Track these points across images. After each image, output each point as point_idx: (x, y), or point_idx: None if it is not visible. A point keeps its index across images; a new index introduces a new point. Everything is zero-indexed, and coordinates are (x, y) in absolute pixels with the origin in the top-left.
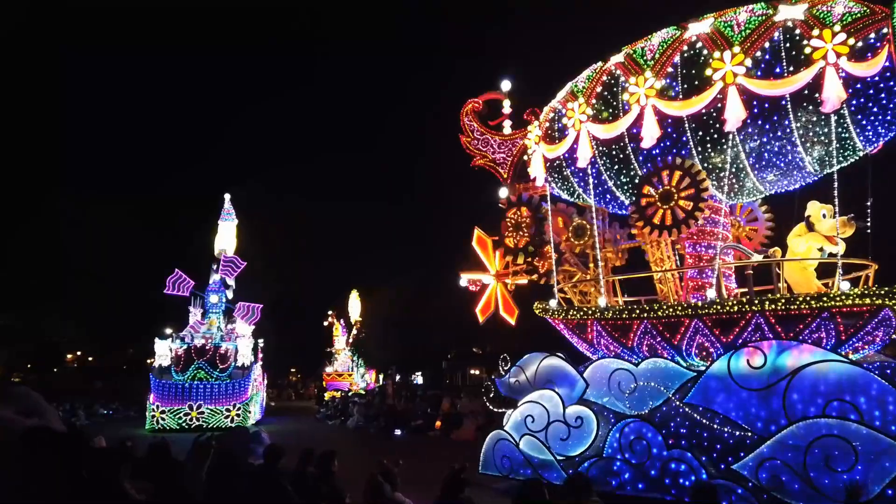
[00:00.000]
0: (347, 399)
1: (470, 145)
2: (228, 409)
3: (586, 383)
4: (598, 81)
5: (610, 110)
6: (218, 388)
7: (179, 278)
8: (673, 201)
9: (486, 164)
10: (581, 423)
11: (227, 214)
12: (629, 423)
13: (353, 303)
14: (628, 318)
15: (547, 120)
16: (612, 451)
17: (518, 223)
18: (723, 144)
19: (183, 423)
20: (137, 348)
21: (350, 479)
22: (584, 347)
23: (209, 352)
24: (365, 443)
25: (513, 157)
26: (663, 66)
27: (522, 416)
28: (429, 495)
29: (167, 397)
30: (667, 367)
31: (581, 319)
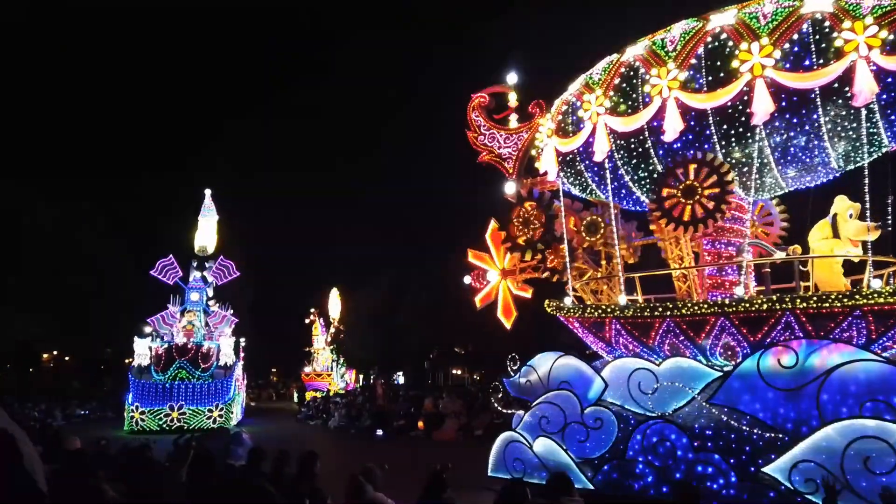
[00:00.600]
0: (329, 399)
1: (477, 141)
2: (210, 409)
3: (605, 383)
4: (616, 73)
5: (629, 103)
6: (200, 389)
7: (170, 264)
8: (696, 196)
9: (493, 159)
10: (601, 424)
11: (207, 210)
12: (652, 425)
13: (333, 301)
14: (650, 317)
15: (560, 113)
16: (634, 454)
17: (527, 219)
18: (748, 138)
19: (163, 424)
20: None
21: (331, 480)
22: (601, 346)
23: (191, 351)
24: (347, 443)
25: (519, 151)
26: (686, 57)
27: (536, 417)
28: (410, 496)
29: (147, 397)
30: (691, 367)
31: (599, 318)
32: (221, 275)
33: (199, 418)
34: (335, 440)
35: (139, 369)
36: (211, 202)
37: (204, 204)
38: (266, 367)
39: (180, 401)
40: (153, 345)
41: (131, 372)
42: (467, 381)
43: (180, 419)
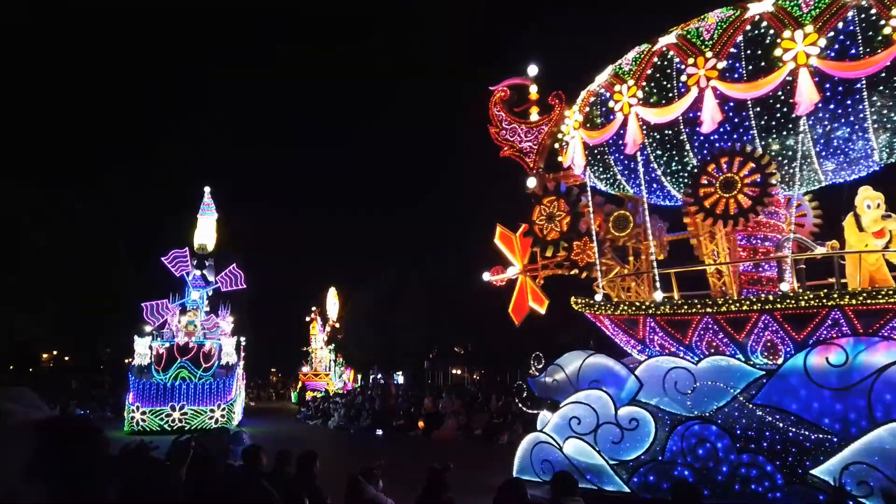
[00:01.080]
0: (328, 399)
1: (499, 136)
2: (213, 409)
3: (640, 383)
4: (649, 63)
5: (663, 93)
6: (202, 388)
7: (183, 257)
8: (736, 189)
9: (514, 154)
10: (636, 425)
11: (206, 208)
12: (691, 426)
13: (331, 301)
14: (688, 314)
15: (587, 104)
16: (672, 455)
17: (552, 214)
18: (789, 130)
19: (165, 424)
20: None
21: (331, 480)
22: (632, 345)
23: (192, 350)
24: (346, 443)
25: (539, 144)
26: (724, 46)
27: (566, 418)
28: (411, 496)
29: (148, 398)
30: (732, 366)
31: (632, 315)
32: (229, 282)
33: (200, 418)
34: (335, 440)
35: (139, 369)
36: (210, 200)
37: (203, 201)
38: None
39: (182, 401)
40: (154, 344)
41: (131, 372)
42: (467, 380)
43: (182, 419)
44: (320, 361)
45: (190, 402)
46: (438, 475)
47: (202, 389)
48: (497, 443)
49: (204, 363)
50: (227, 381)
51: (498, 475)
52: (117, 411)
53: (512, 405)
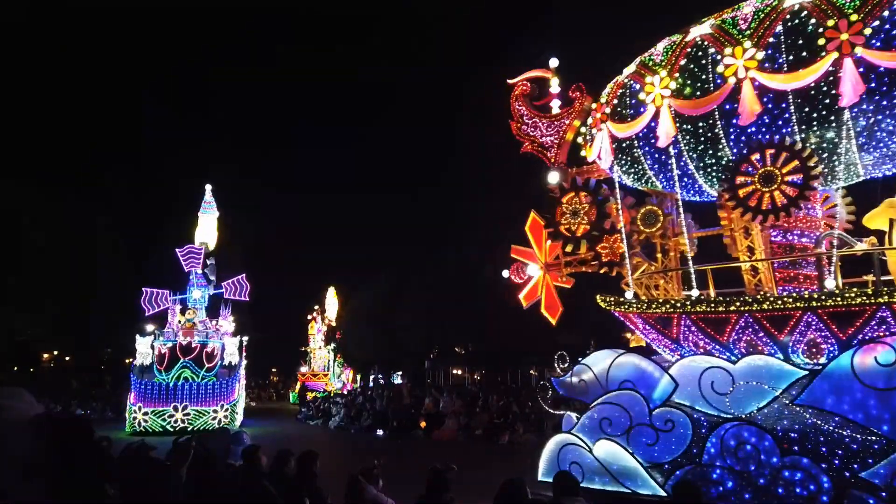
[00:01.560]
0: (329, 399)
1: (520, 131)
2: (216, 410)
3: (675, 383)
4: (682, 54)
5: (698, 84)
6: (205, 389)
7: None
8: (776, 183)
9: (535, 149)
10: (672, 426)
11: (207, 206)
12: (731, 427)
13: (331, 300)
14: (726, 312)
15: (615, 96)
16: (710, 458)
17: (576, 209)
18: (830, 122)
19: (167, 424)
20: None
21: (331, 480)
22: (665, 344)
23: (195, 350)
24: (347, 443)
25: (560, 138)
26: (763, 35)
27: (596, 419)
28: (412, 496)
29: (150, 398)
30: (772, 365)
31: (666, 313)
32: (233, 290)
33: (203, 419)
34: (335, 440)
35: (141, 369)
36: (212, 198)
37: (204, 199)
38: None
39: (185, 401)
40: (156, 343)
41: (133, 372)
42: (467, 380)
43: (185, 420)
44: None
45: (193, 402)
46: (440, 475)
47: (205, 389)
48: (498, 443)
49: (207, 363)
50: (231, 381)
51: (499, 475)
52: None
53: (512, 405)
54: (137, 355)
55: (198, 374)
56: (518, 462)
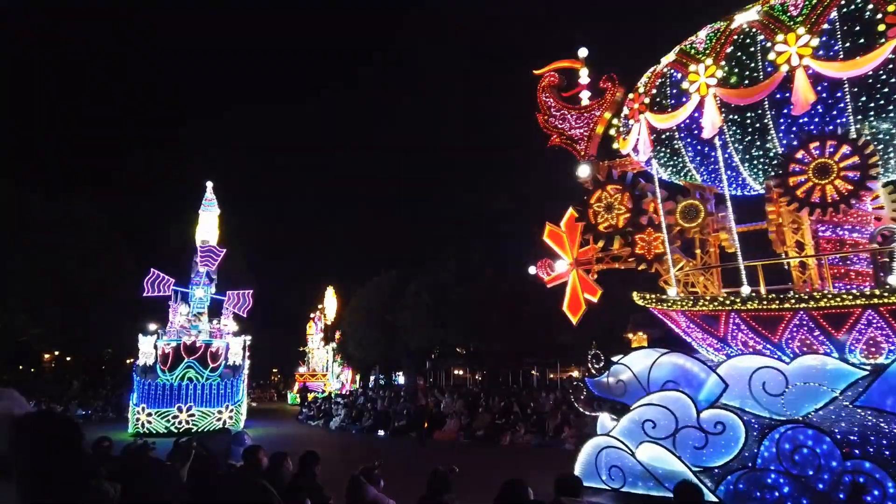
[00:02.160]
0: (330, 400)
1: (547, 123)
2: (220, 410)
3: (725, 384)
4: (728, 41)
5: (746, 73)
6: (209, 389)
7: (158, 278)
8: (832, 176)
9: (563, 142)
10: (723, 429)
11: (208, 203)
12: (787, 430)
13: (329, 300)
14: (779, 309)
15: (653, 86)
16: (765, 462)
17: (610, 204)
18: (889, 112)
19: (171, 426)
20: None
21: (333, 481)
22: (709, 343)
23: (200, 350)
24: (348, 444)
25: (591, 130)
26: (817, 21)
27: (639, 421)
28: (412, 496)
29: (154, 398)
30: (829, 365)
31: (714, 311)
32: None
33: (208, 420)
34: (337, 441)
35: (143, 369)
36: (212, 195)
37: (205, 197)
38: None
39: (189, 402)
40: (160, 343)
41: (135, 371)
42: (468, 381)
43: (189, 421)
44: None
45: (197, 403)
46: (441, 476)
47: (209, 390)
48: (499, 443)
49: (211, 363)
50: (235, 381)
51: (500, 476)
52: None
53: (513, 406)
54: (140, 355)
55: (202, 374)
56: (520, 462)
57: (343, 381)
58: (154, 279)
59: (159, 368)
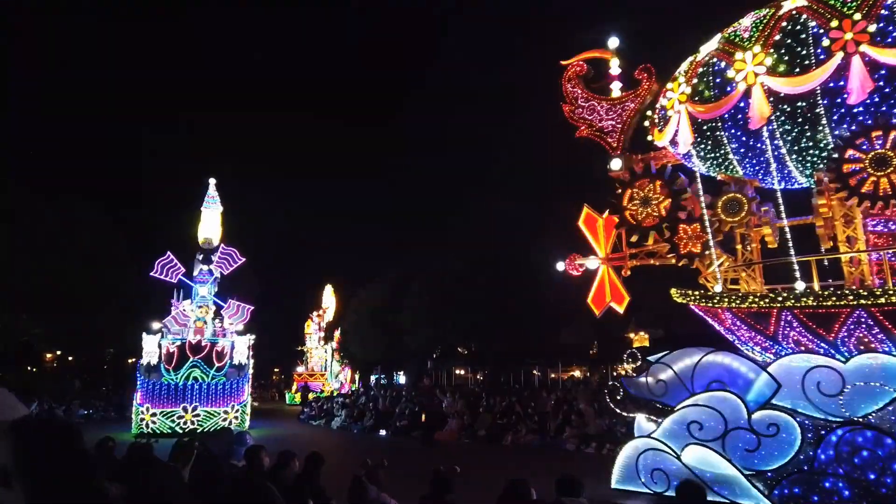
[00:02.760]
0: (332, 399)
1: (574, 114)
2: (226, 411)
3: (777, 384)
4: (776, 28)
5: (797, 60)
6: (214, 389)
7: (170, 262)
8: (889, 168)
9: (592, 133)
10: (776, 431)
11: (210, 200)
12: (846, 432)
13: (328, 298)
14: (837, 306)
15: (693, 76)
16: (821, 465)
17: (647, 198)
18: None
19: (176, 426)
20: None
21: (335, 481)
22: (757, 342)
23: (205, 349)
24: (350, 444)
25: (624, 122)
26: (873, 6)
27: (684, 423)
28: (414, 496)
29: (158, 398)
30: (890, 364)
31: (765, 307)
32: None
33: (214, 420)
34: (338, 440)
35: (147, 368)
36: (215, 192)
37: (208, 194)
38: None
39: (194, 402)
40: (164, 342)
41: (139, 371)
42: (470, 381)
43: (194, 421)
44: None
45: (203, 403)
46: (443, 476)
47: (215, 390)
48: (500, 444)
49: (217, 362)
50: (241, 381)
51: (502, 476)
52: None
53: (515, 406)
54: (144, 354)
55: (207, 373)
56: (521, 462)
57: (342, 380)
58: (167, 262)
59: (163, 368)
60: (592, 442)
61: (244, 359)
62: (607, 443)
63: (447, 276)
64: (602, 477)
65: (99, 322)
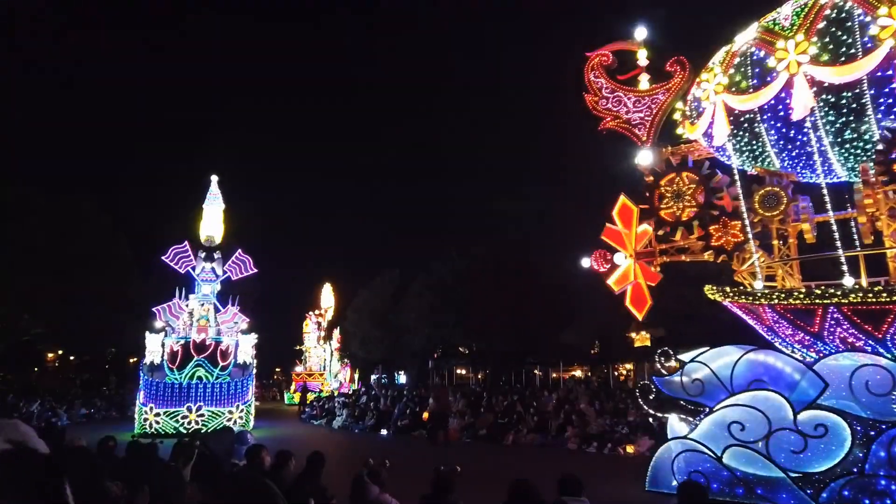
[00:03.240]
0: (333, 399)
1: (598, 105)
2: (231, 411)
3: (824, 383)
4: (819, 16)
5: (842, 49)
6: (219, 389)
7: (184, 253)
8: None
9: (619, 125)
10: (825, 431)
11: (212, 197)
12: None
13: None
14: (886, 303)
15: (730, 66)
16: (873, 467)
17: (679, 192)
18: None
19: (181, 426)
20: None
21: (336, 480)
22: (799, 340)
23: (209, 348)
24: (351, 443)
25: (654, 115)
26: None
27: (724, 424)
28: (416, 496)
29: (162, 398)
30: None
31: (811, 304)
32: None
33: (218, 420)
34: (340, 440)
35: (150, 367)
36: (217, 189)
37: (210, 191)
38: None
39: (199, 401)
40: (167, 341)
41: (142, 370)
42: (472, 380)
43: (199, 421)
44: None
45: (207, 402)
46: (445, 476)
47: (220, 389)
48: (502, 443)
49: (221, 361)
50: (245, 380)
51: (503, 475)
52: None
53: (517, 405)
54: (147, 353)
55: (212, 373)
56: (523, 462)
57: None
58: (181, 251)
59: (167, 367)
60: (594, 441)
61: (248, 358)
62: (608, 442)
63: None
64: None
65: (101, 321)
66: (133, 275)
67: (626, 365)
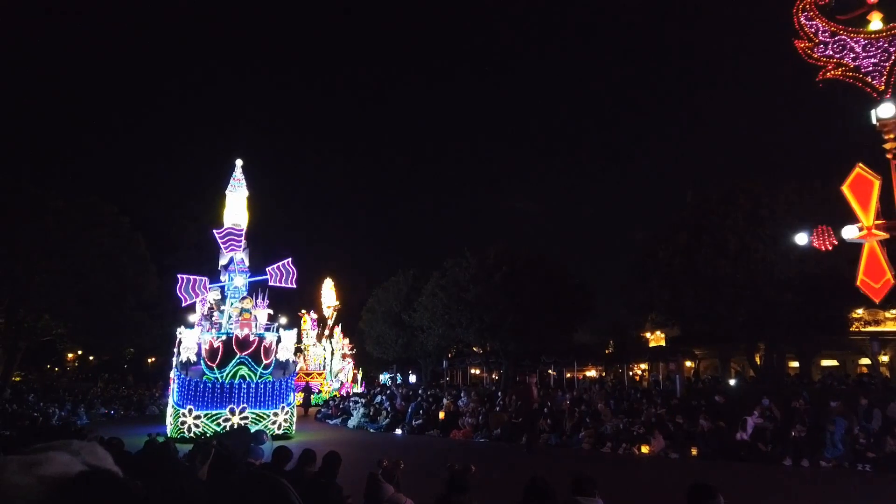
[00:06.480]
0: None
1: (814, 52)
2: (276, 412)
3: None
4: None
5: None
6: (262, 389)
7: (189, 282)
8: None
9: (844, 74)
10: None
11: (236, 183)
12: None
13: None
14: None
15: None
16: None
17: None
18: None
19: (223, 430)
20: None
21: (351, 479)
22: None
23: (252, 344)
24: (366, 443)
25: (893, 60)
26: None
27: None
28: (430, 495)
29: (201, 399)
30: None
31: None
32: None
33: (263, 423)
34: (355, 439)
35: (184, 365)
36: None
37: (233, 176)
38: None
39: (242, 403)
40: (206, 336)
41: (176, 368)
42: (486, 380)
43: (242, 424)
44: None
45: (252, 404)
46: (459, 475)
47: (263, 390)
48: (516, 442)
49: (264, 359)
50: (288, 380)
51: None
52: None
53: None
54: (182, 349)
55: (255, 371)
56: (537, 462)
57: (342, 379)
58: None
59: (205, 365)
60: (608, 441)
61: (290, 355)
62: (623, 442)
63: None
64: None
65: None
66: (150, 272)
67: (640, 365)
